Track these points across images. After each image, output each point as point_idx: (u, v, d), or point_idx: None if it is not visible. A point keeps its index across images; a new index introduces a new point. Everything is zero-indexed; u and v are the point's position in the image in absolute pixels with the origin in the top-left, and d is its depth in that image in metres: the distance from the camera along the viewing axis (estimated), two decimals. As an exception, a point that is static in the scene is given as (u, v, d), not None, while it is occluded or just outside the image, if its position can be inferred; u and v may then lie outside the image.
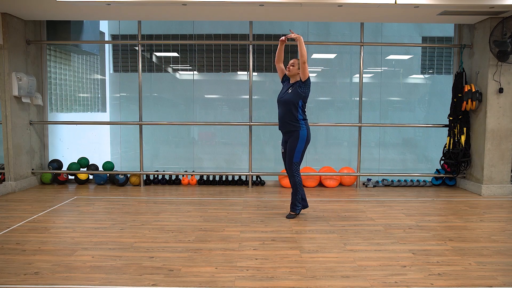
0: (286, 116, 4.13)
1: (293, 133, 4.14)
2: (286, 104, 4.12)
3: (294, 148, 4.15)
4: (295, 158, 4.16)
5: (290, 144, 4.17)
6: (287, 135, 4.21)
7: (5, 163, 5.61)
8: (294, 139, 4.14)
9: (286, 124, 4.15)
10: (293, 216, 4.32)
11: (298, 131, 4.12)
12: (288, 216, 4.33)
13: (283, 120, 4.17)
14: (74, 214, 4.45)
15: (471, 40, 5.89)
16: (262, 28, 6.74)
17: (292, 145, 4.15)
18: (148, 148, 6.91)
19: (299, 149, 4.14)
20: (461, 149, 5.87)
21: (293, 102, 4.09)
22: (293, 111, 4.10)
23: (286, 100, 4.13)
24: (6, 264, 2.99)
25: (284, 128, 4.21)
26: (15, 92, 5.49)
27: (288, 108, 4.11)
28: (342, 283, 2.71)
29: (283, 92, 4.23)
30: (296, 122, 4.12)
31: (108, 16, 5.82)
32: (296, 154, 4.15)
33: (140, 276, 2.80)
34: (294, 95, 4.10)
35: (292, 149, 4.16)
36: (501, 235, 3.80)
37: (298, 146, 4.14)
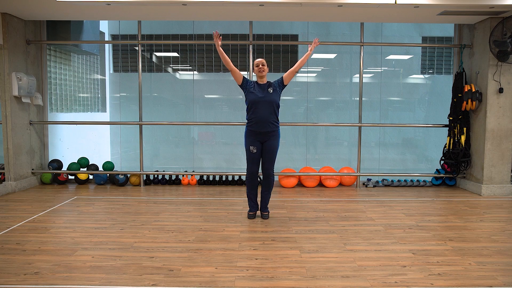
0: (271, 116, 4.07)
1: (274, 133, 4.12)
2: (270, 105, 4.06)
3: (277, 148, 4.17)
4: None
5: (272, 144, 4.13)
6: (267, 136, 4.11)
7: (5, 163, 5.61)
8: (275, 139, 4.14)
9: (270, 125, 4.08)
10: (267, 215, 4.32)
11: (278, 130, 4.16)
12: (267, 217, 4.30)
13: (267, 121, 4.06)
14: (74, 214, 4.45)
15: (471, 40, 5.89)
16: (262, 28, 6.74)
17: (275, 145, 4.15)
18: (148, 148, 6.91)
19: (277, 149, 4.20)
20: (461, 149, 5.87)
21: (276, 103, 4.09)
22: (276, 112, 4.10)
23: (271, 100, 4.06)
24: (6, 264, 2.99)
25: (267, 128, 4.09)
26: (15, 92, 5.49)
27: (272, 108, 4.07)
28: (342, 283, 2.71)
29: (262, 92, 4.08)
30: (277, 122, 4.15)
31: (108, 16, 5.82)
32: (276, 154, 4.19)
33: (140, 276, 2.80)
34: (277, 95, 4.10)
35: (276, 149, 4.16)
36: (501, 235, 3.80)
37: (278, 145, 4.19)
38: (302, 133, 7.00)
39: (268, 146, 4.12)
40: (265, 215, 4.30)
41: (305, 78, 7.00)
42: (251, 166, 4.18)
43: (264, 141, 4.13)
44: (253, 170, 4.19)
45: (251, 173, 4.19)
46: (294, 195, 5.61)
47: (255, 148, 4.13)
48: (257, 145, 4.13)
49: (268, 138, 4.11)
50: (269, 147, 4.12)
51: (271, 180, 4.24)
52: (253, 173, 4.21)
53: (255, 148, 4.13)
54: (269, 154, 4.14)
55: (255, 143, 4.13)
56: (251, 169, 4.18)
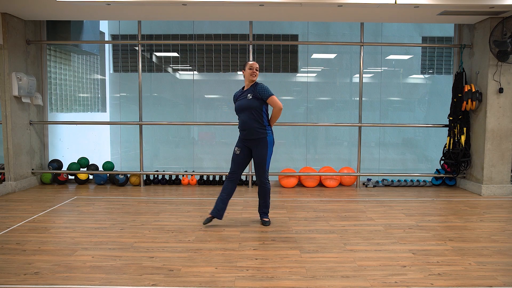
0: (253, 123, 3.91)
1: (261, 141, 3.96)
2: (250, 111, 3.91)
3: (266, 156, 3.97)
4: (267, 165, 4.01)
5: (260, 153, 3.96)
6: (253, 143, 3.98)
7: (5, 163, 5.61)
8: (264, 147, 3.95)
9: (254, 132, 3.93)
10: (268, 221, 4.12)
11: (267, 137, 3.97)
12: (266, 223, 4.09)
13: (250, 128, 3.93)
14: (74, 214, 4.45)
15: (471, 40, 5.89)
16: (262, 28, 6.74)
17: (264, 153, 3.96)
18: (148, 148, 6.91)
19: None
20: (461, 149, 5.87)
21: (255, 108, 3.91)
22: (258, 117, 3.92)
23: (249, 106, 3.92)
24: (6, 264, 2.99)
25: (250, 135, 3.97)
26: (15, 92, 5.49)
27: (252, 115, 3.89)
28: (342, 283, 2.71)
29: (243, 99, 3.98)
30: (264, 128, 3.96)
31: (108, 16, 5.82)
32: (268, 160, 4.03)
33: (140, 276, 2.80)
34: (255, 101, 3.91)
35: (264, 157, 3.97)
36: (501, 235, 3.80)
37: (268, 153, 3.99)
38: (302, 133, 7.00)
39: (256, 154, 3.97)
40: (264, 222, 4.09)
41: (305, 78, 7.00)
42: (232, 166, 4.06)
43: (253, 148, 4.00)
44: (232, 171, 4.05)
45: (230, 173, 4.06)
46: (294, 195, 5.61)
47: (239, 150, 4.03)
48: (242, 148, 4.03)
49: (256, 146, 3.96)
50: (257, 155, 3.96)
51: (265, 188, 4.04)
52: (232, 174, 4.04)
53: (239, 149, 4.03)
54: (257, 162, 3.97)
55: (241, 146, 4.04)
56: (230, 169, 4.06)
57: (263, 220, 4.13)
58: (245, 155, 4.04)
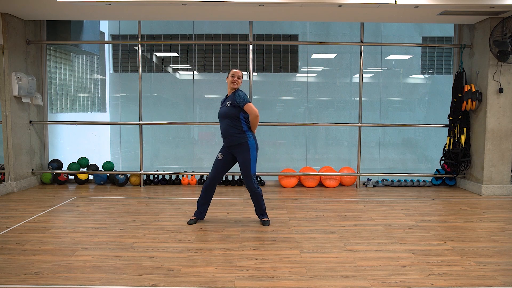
0: (231, 129, 3.93)
1: (242, 146, 3.95)
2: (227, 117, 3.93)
3: (249, 160, 3.95)
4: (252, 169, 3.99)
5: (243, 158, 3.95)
6: (234, 149, 3.98)
7: (5, 163, 5.61)
8: (245, 152, 3.94)
9: (232, 138, 3.94)
10: (268, 221, 4.12)
11: (247, 142, 3.95)
12: (267, 223, 4.08)
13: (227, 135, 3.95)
14: (74, 214, 4.45)
15: (471, 40, 5.89)
16: (262, 28, 6.74)
17: (246, 158, 3.94)
18: (148, 148, 6.91)
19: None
20: (461, 149, 5.87)
21: (231, 115, 3.91)
22: (235, 124, 3.92)
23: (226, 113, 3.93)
24: (6, 264, 2.99)
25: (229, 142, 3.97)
26: (15, 92, 5.50)
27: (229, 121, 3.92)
28: (342, 283, 2.71)
29: (222, 106, 4.01)
30: (242, 133, 3.95)
31: (108, 16, 5.82)
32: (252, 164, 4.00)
33: (140, 276, 2.80)
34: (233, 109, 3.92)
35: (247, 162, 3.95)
36: (501, 235, 3.80)
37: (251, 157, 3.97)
38: (302, 133, 7.00)
39: (239, 160, 3.98)
40: (264, 222, 4.09)
41: (305, 78, 7.00)
42: (210, 172, 4.06)
43: (235, 155, 4.00)
44: (211, 177, 4.04)
45: (208, 178, 4.05)
46: (294, 195, 5.61)
47: (222, 155, 4.03)
48: (225, 154, 4.03)
49: (237, 152, 3.96)
50: (240, 161, 3.96)
51: (255, 193, 4.00)
52: (211, 180, 4.03)
53: (222, 155, 4.03)
54: (242, 168, 3.96)
55: (224, 152, 4.03)
56: (210, 175, 4.05)
57: (262, 220, 4.14)
58: (226, 161, 4.04)
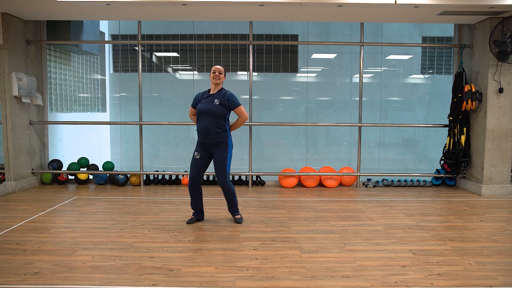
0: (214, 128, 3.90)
1: (221, 144, 3.97)
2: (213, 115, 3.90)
3: (226, 158, 3.98)
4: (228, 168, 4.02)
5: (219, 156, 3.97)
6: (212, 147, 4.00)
7: (5, 163, 5.61)
8: (223, 150, 3.97)
9: (213, 136, 3.93)
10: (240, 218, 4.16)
11: (227, 141, 3.99)
12: (240, 220, 4.13)
13: (209, 132, 3.92)
14: (74, 214, 4.45)
15: (471, 40, 5.89)
16: (262, 28, 6.74)
17: (223, 156, 3.97)
18: (148, 148, 6.91)
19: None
20: (461, 149, 5.87)
21: (219, 114, 3.91)
22: (220, 122, 3.93)
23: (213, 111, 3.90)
24: (6, 264, 2.99)
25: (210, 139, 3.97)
26: (15, 92, 5.49)
27: (215, 119, 3.90)
28: (342, 283, 2.71)
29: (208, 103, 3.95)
30: (223, 132, 3.97)
31: (108, 16, 5.82)
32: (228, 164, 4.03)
33: (140, 276, 2.80)
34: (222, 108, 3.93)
35: (224, 160, 3.98)
36: (501, 235, 3.80)
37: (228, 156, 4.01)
38: (302, 133, 7.00)
39: (216, 158, 3.97)
40: (236, 219, 4.13)
41: (305, 78, 7.00)
42: (191, 172, 4.02)
43: (213, 152, 4.00)
44: (193, 176, 4.01)
45: (191, 178, 4.03)
46: (294, 195, 5.61)
47: (199, 154, 4.00)
48: (202, 153, 4.01)
49: (215, 150, 3.97)
50: (218, 158, 3.96)
51: (229, 191, 4.05)
52: (193, 179, 4.02)
53: (199, 154, 4.00)
54: (218, 166, 3.97)
55: (201, 151, 4.01)
56: (191, 175, 4.02)
57: (235, 218, 4.17)
58: (204, 159, 4.03)
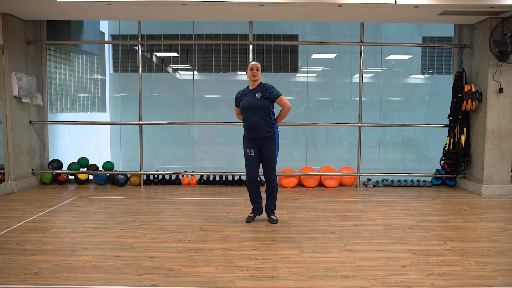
0: (262, 121, 3.97)
1: (270, 138, 4.03)
2: (259, 110, 3.97)
3: (275, 152, 4.06)
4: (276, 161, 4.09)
5: (269, 150, 4.04)
6: (262, 142, 4.06)
7: (5, 163, 5.61)
8: (273, 144, 4.04)
9: (262, 130, 3.99)
10: (276, 219, 4.16)
11: (275, 134, 4.06)
12: (274, 221, 4.13)
13: (258, 127, 3.98)
14: (74, 214, 4.45)
15: (471, 40, 5.89)
16: (262, 28, 6.74)
17: (273, 150, 4.05)
18: (148, 148, 6.91)
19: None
20: (461, 149, 5.87)
21: (264, 107, 3.97)
22: (267, 116, 3.99)
23: (258, 105, 3.97)
24: (6, 264, 2.99)
25: (259, 134, 4.03)
26: (15, 92, 5.49)
27: (261, 113, 3.97)
28: (342, 283, 2.71)
29: (250, 98, 4.01)
30: (271, 126, 4.03)
31: (108, 16, 5.82)
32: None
33: (140, 276, 2.80)
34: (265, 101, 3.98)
35: (274, 154, 4.06)
36: (501, 235, 3.80)
37: (277, 149, 4.09)
38: (302, 133, 7.00)
39: (266, 152, 4.03)
40: (272, 220, 4.14)
41: (305, 78, 7.00)
42: (249, 170, 4.08)
43: (261, 147, 4.05)
44: (251, 174, 4.07)
45: (249, 177, 4.09)
46: (294, 195, 5.61)
47: (253, 151, 4.06)
48: (254, 149, 4.06)
49: (264, 144, 4.02)
50: (267, 152, 4.03)
51: (273, 186, 4.11)
52: (252, 177, 4.08)
53: (253, 150, 4.06)
54: (267, 159, 4.05)
55: (252, 147, 4.07)
56: (249, 173, 4.08)
57: (271, 218, 4.17)
58: (257, 155, 4.09)
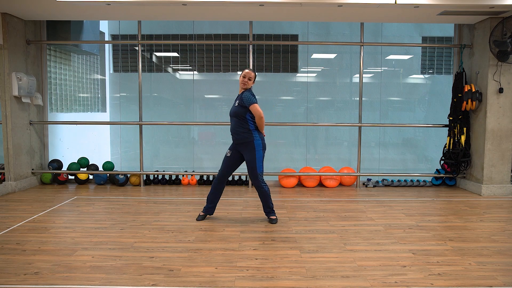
0: (237, 128, 4.03)
1: (248, 145, 4.03)
2: (235, 116, 4.04)
3: (255, 159, 4.03)
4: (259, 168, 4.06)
5: (248, 156, 4.05)
6: (241, 147, 4.09)
7: (5, 163, 5.61)
8: (251, 151, 4.03)
9: (238, 136, 4.04)
10: (275, 219, 4.18)
11: (253, 141, 4.03)
12: (273, 221, 4.14)
13: (234, 132, 4.07)
14: (74, 214, 4.45)
15: (471, 40, 5.89)
16: (262, 28, 6.74)
17: (252, 157, 4.03)
18: (148, 148, 6.91)
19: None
20: (461, 149, 5.87)
21: (239, 115, 4.01)
22: (242, 123, 4.01)
23: (234, 112, 4.04)
24: (6, 264, 2.99)
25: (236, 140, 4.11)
26: (15, 92, 5.49)
27: (237, 120, 4.02)
28: (342, 283, 2.71)
29: (233, 105, 4.14)
30: (248, 133, 4.03)
31: (108, 16, 5.82)
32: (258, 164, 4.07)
33: (140, 276, 2.80)
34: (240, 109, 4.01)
35: (253, 161, 4.03)
36: (501, 235, 3.80)
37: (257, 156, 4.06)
38: (302, 133, 7.00)
39: (246, 157, 4.08)
40: (271, 220, 4.16)
41: (305, 78, 7.00)
42: (220, 168, 4.19)
43: (242, 152, 4.11)
44: (220, 173, 4.17)
45: (218, 173, 4.19)
46: (294, 195, 5.61)
47: (230, 152, 4.16)
48: (234, 151, 4.14)
49: (244, 149, 4.07)
50: (247, 158, 4.06)
51: (262, 191, 4.10)
52: (220, 176, 4.16)
53: (231, 152, 4.16)
54: (248, 166, 4.08)
55: (233, 149, 4.17)
56: (220, 171, 4.18)
57: (270, 218, 4.20)
58: (235, 158, 4.18)
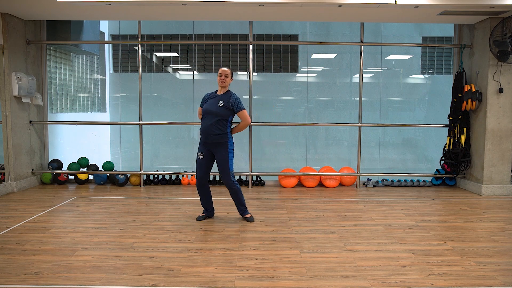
0: (214, 128, 3.96)
1: (221, 145, 4.02)
2: (215, 117, 3.96)
3: (227, 159, 4.02)
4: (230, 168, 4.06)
5: (220, 156, 4.02)
6: (213, 147, 4.06)
7: (5, 163, 5.61)
8: (223, 151, 4.02)
9: (213, 136, 3.99)
10: (251, 217, 4.22)
11: (227, 142, 4.03)
12: (251, 219, 4.19)
13: (209, 133, 3.98)
14: (74, 214, 4.45)
15: (471, 40, 5.89)
16: (262, 28, 6.74)
17: (224, 157, 4.01)
18: (148, 148, 6.91)
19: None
20: (461, 149, 5.87)
21: (222, 116, 3.97)
22: (221, 124, 3.98)
23: (216, 112, 3.97)
24: (6, 264, 2.99)
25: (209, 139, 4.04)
26: (15, 92, 5.49)
27: (216, 120, 3.96)
28: (342, 283, 2.71)
29: (213, 104, 4.02)
30: (224, 134, 4.01)
31: (108, 16, 5.82)
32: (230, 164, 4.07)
33: (140, 276, 2.80)
34: (225, 111, 3.98)
35: (225, 161, 4.02)
36: (501, 235, 3.80)
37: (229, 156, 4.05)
38: (302, 133, 7.00)
39: (218, 157, 4.04)
40: (247, 218, 4.20)
41: (305, 78, 7.00)
42: (198, 173, 4.12)
43: (213, 152, 4.07)
44: (199, 177, 4.12)
45: (197, 179, 4.13)
46: (294, 195, 5.61)
47: (203, 155, 4.09)
48: (205, 152, 4.08)
49: (216, 149, 4.03)
50: (219, 157, 4.03)
51: (234, 190, 4.12)
52: (200, 180, 4.13)
53: (203, 154, 4.09)
54: (220, 165, 4.04)
55: (204, 150, 4.09)
56: (198, 176, 4.12)
57: (245, 217, 4.22)
58: (208, 159, 4.12)
